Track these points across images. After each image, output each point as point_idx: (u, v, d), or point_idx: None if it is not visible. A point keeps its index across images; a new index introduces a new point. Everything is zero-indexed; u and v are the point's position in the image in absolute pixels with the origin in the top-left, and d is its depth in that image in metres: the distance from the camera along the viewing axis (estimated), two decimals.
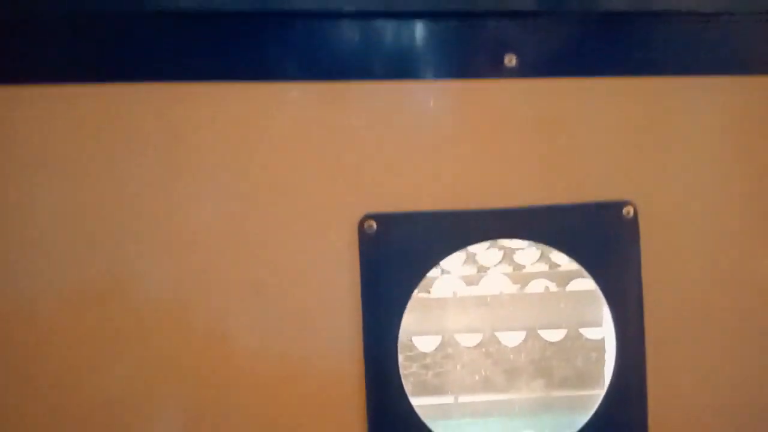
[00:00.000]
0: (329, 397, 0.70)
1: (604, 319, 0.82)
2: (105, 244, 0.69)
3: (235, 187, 0.70)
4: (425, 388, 1.65)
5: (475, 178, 0.72)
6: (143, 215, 0.69)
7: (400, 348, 0.73)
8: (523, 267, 1.80)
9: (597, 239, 0.73)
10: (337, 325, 0.71)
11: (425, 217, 0.71)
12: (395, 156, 0.72)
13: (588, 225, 0.73)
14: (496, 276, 1.67)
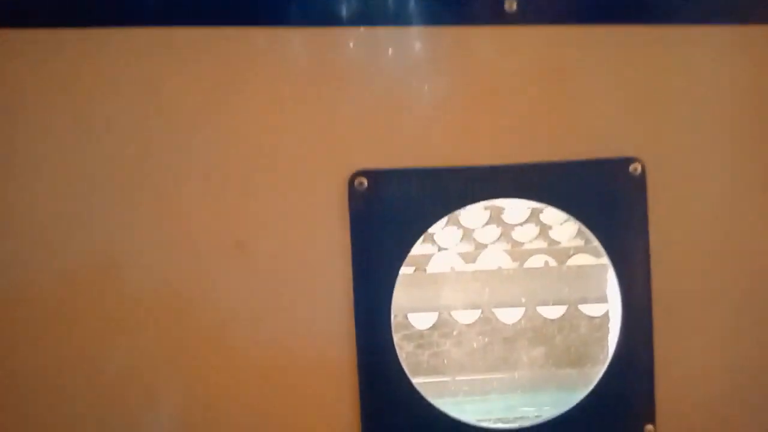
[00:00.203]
0: (320, 359, 0.67)
1: (608, 285, 0.79)
2: (86, 204, 0.65)
3: (218, 143, 0.66)
4: (421, 367, 1.63)
5: (473, 132, 0.68)
6: (120, 170, 0.65)
7: (395, 327, 0.69)
8: (522, 244, 1.78)
9: (602, 198, 0.69)
10: (327, 288, 0.67)
11: (419, 174, 0.67)
12: (388, 108, 0.67)
13: (593, 183, 0.69)
14: (494, 252, 1.64)
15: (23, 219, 0.65)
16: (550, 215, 1.54)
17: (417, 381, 0.69)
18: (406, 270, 1.52)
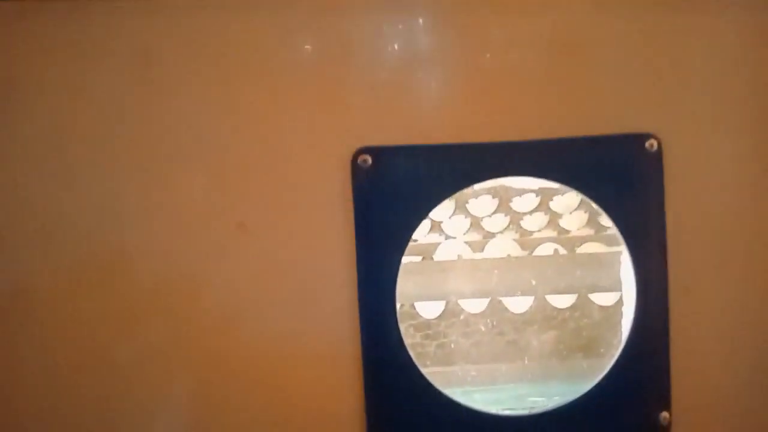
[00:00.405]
0: (323, 340, 0.65)
1: (620, 272, 0.76)
2: (83, 190, 0.63)
3: (218, 121, 0.64)
4: (428, 357, 1.60)
5: (481, 108, 0.65)
6: (115, 151, 0.63)
7: (401, 317, 0.67)
8: (531, 233, 1.74)
9: (616, 176, 0.66)
10: (330, 268, 0.65)
11: (426, 151, 0.64)
12: (393, 83, 0.64)
13: (606, 160, 0.66)
14: (502, 241, 1.61)
15: (17, 209, 0.63)
16: (559, 203, 1.51)
17: (423, 371, 0.67)
18: (412, 258, 1.49)
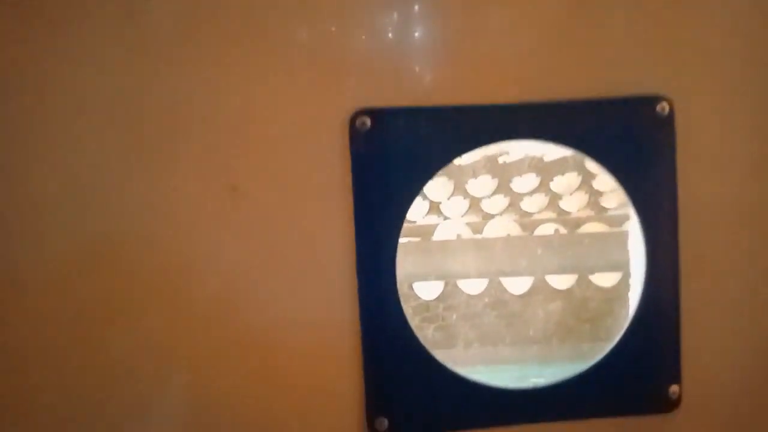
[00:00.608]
0: (321, 305, 0.62)
1: (621, 253, 0.73)
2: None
3: (205, 81, 0.60)
4: (427, 341, 1.58)
5: (485, 68, 0.62)
6: (98, 107, 0.60)
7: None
8: (531, 215, 1.72)
9: (626, 140, 0.63)
10: (326, 237, 0.62)
11: (428, 113, 0.61)
12: (393, 41, 0.61)
13: (615, 124, 0.63)
14: (502, 222, 1.59)
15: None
16: (560, 184, 1.49)
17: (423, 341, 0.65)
18: (411, 239, 1.47)
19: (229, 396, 0.63)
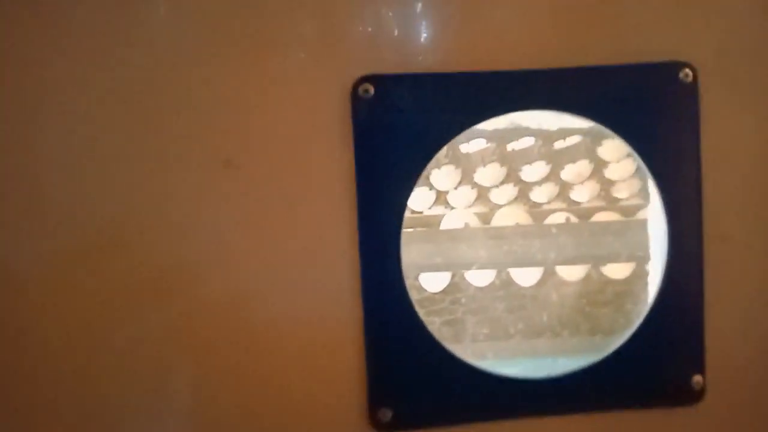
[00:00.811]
0: (322, 287, 0.59)
1: (639, 242, 0.69)
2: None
3: (195, 41, 0.57)
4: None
5: (497, 32, 0.59)
6: (90, 81, 0.56)
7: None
8: (540, 205, 1.68)
9: (646, 109, 0.59)
10: (327, 214, 0.58)
11: (436, 80, 0.58)
12: (398, 0, 0.58)
13: (635, 91, 0.59)
14: (511, 211, 1.54)
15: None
16: (570, 172, 1.44)
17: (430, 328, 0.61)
18: (418, 228, 1.43)
19: (230, 391, 0.60)
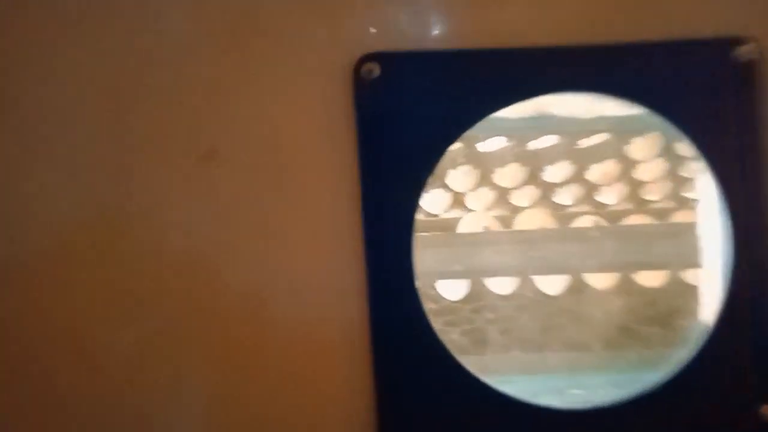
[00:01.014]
0: (325, 288, 0.53)
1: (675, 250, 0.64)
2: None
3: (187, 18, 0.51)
4: (452, 346, 1.47)
5: (523, 1, 0.51)
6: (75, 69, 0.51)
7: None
8: (564, 208, 1.60)
9: (701, 90, 0.51)
10: (327, 208, 0.52)
11: (449, 58, 0.51)
12: None
13: (688, 70, 0.51)
14: (533, 215, 1.47)
15: None
16: (595, 172, 1.36)
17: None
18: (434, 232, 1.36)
19: (234, 398, 0.54)
